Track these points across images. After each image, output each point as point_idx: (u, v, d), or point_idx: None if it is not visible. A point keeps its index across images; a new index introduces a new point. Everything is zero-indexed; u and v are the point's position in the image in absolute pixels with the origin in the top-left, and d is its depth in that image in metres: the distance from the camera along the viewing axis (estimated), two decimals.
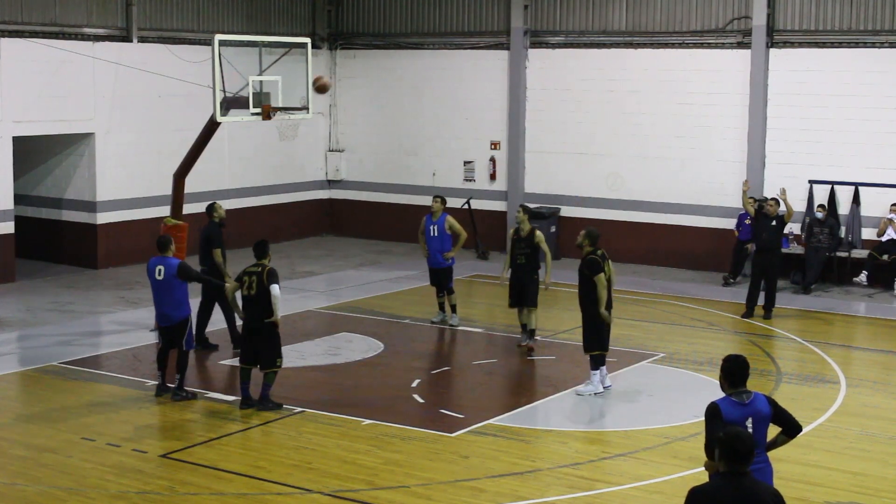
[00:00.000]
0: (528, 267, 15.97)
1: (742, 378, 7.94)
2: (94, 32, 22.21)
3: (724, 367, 8.02)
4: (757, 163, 21.98)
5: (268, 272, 13.11)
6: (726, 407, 7.76)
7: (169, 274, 13.50)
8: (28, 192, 22.70)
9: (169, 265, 13.56)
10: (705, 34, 22.71)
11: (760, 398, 7.92)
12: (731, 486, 6.52)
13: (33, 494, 10.61)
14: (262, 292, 13.00)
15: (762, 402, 7.89)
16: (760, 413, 7.82)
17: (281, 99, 17.09)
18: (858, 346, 16.89)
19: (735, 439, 6.57)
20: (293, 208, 26.49)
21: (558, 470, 11.37)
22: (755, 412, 7.81)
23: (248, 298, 13.09)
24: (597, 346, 13.89)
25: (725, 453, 6.57)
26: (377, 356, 15.94)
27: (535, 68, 24.46)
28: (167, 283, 13.51)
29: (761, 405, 7.86)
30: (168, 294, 13.55)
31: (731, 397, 7.86)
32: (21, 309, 18.74)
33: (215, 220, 16.04)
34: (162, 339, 13.98)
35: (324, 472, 11.24)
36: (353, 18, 26.99)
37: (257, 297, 13.02)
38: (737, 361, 8.01)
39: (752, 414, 7.79)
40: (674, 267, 22.96)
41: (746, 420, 7.74)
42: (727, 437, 6.60)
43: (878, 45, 21.06)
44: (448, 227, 17.47)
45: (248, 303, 13.12)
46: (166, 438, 12.47)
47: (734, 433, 6.63)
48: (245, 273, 13.19)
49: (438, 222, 17.50)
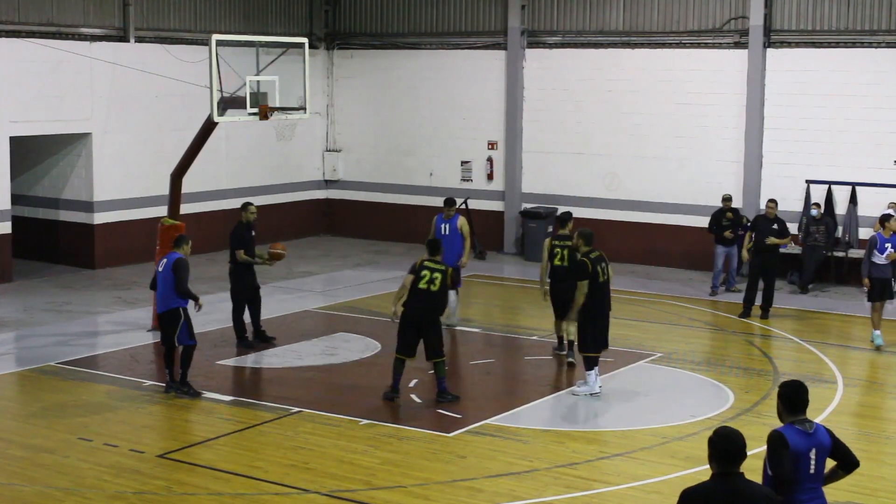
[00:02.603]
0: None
1: (802, 405, 7.35)
2: (91, 32, 22.20)
3: (782, 394, 7.42)
4: (754, 163, 21.99)
5: (451, 274, 13.56)
6: (792, 436, 7.21)
7: (167, 266, 13.70)
8: (25, 193, 22.68)
9: (170, 258, 13.81)
10: (702, 34, 22.73)
11: (822, 430, 7.37)
12: (723, 487, 6.45)
13: (30, 494, 10.60)
14: (443, 291, 13.31)
15: (823, 433, 7.35)
16: (823, 445, 7.31)
17: (278, 99, 17.09)
18: (855, 346, 16.90)
19: (725, 439, 6.48)
20: (290, 208, 26.48)
21: (555, 470, 11.37)
22: (819, 444, 7.29)
23: (428, 293, 13.28)
24: (591, 347, 13.86)
25: (717, 454, 6.48)
26: (374, 356, 15.93)
27: (532, 68, 24.47)
28: (164, 274, 13.72)
29: (823, 437, 7.33)
30: (162, 284, 13.73)
31: (795, 426, 7.29)
32: (18, 309, 18.72)
33: (242, 221, 16.34)
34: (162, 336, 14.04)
35: (321, 472, 11.23)
36: (351, 18, 26.99)
37: (439, 294, 13.32)
38: (795, 387, 7.39)
39: (815, 445, 7.27)
40: (671, 267, 22.97)
41: (811, 451, 7.23)
42: (718, 438, 6.50)
43: (875, 45, 21.08)
44: (459, 227, 17.50)
45: (426, 297, 13.29)
46: (163, 438, 12.47)
47: (724, 433, 6.53)
48: (424, 267, 13.35)
49: (451, 221, 17.53)
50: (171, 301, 13.63)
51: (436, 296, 13.33)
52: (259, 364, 15.54)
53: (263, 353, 15.92)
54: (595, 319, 13.78)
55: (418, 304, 13.34)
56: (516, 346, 16.79)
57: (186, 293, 13.61)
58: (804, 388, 7.37)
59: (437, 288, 13.27)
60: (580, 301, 13.64)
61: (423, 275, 13.30)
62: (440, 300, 13.41)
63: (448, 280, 13.43)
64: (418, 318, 13.38)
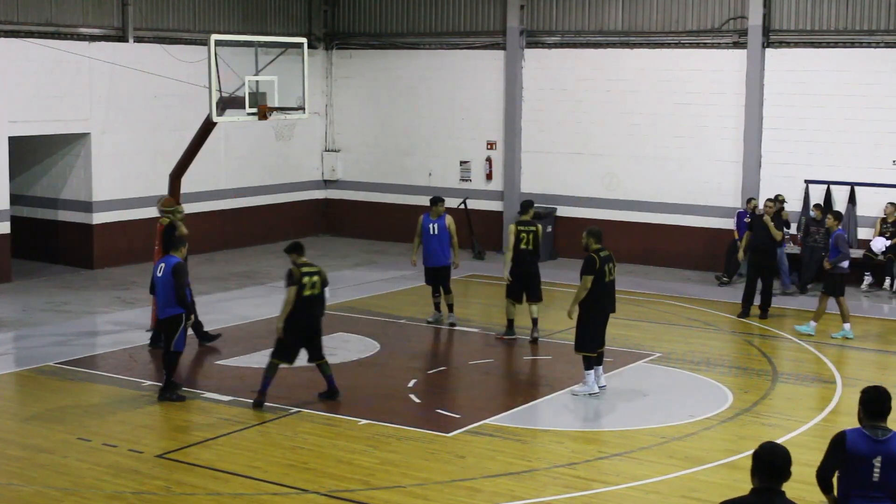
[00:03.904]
0: None
1: (881, 411, 7.16)
2: (89, 32, 22.20)
3: (863, 399, 7.26)
4: (753, 163, 21.99)
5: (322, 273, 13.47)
6: (855, 438, 7.08)
7: (166, 271, 13.57)
8: (24, 193, 22.68)
9: (168, 262, 13.66)
10: (701, 34, 22.73)
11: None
12: (762, 503, 6.14)
13: (29, 495, 10.60)
14: (322, 292, 13.35)
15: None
16: (894, 455, 7.03)
17: (277, 99, 17.10)
18: (854, 346, 16.89)
19: (771, 453, 6.17)
20: (289, 208, 26.48)
21: (554, 470, 11.37)
22: (888, 453, 7.03)
23: (312, 298, 13.23)
24: (588, 346, 13.83)
25: (760, 468, 6.16)
26: (373, 356, 15.94)
27: (531, 68, 24.46)
28: (164, 279, 13.56)
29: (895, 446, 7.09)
30: (163, 289, 13.57)
31: (864, 430, 7.16)
32: (17, 309, 18.71)
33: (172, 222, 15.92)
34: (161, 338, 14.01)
35: (320, 472, 11.23)
36: (350, 18, 26.98)
37: (320, 297, 13.35)
38: (876, 392, 7.23)
39: (884, 453, 7.02)
40: (670, 267, 22.97)
41: (875, 458, 7.01)
42: (763, 451, 6.18)
43: (874, 45, 21.08)
44: (448, 225, 17.50)
45: (311, 303, 13.24)
46: (162, 438, 12.46)
47: (770, 447, 6.21)
48: (305, 273, 13.23)
49: (439, 221, 17.53)
50: (173, 308, 13.57)
51: (319, 298, 13.35)
52: (259, 364, 15.51)
53: (263, 353, 15.87)
54: (595, 319, 13.78)
55: (304, 312, 13.19)
56: (515, 346, 16.77)
57: (183, 301, 13.49)
58: (886, 395, 7.21)
59: (319, 291, 13.31)
60: (581, 296, 13.64)
61: (305, 282, 13.16)
62: (323, 302, 13.47)
63: (325, 278, 13.42)
64: (306, 325, 13.26)
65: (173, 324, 13.55)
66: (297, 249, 13.48)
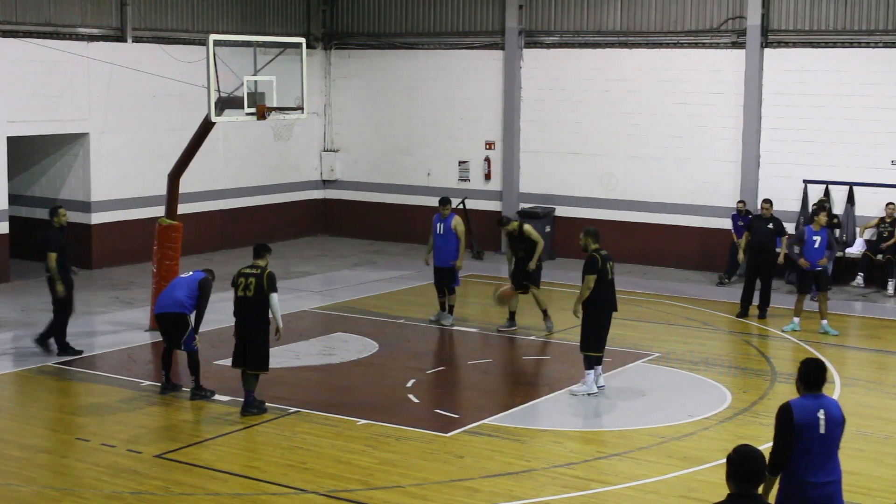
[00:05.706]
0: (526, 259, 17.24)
1: (817, 382, 7.72)
2: (88, 32, 22.19)
3: (801, 370, 7.79)
4: (751, 163, 22.00)
5: (268, 276, 12.82)
6: (798, 404, 7.59)
7: (194, 280, 13.68)
8: (22, 193, 22.67)
9: (197, 274, 13.86)
10: (700, 34, 22.73)
11: (833, 401, 7.75)
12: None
13: (28, 495, 10.59)
14: (259, 295, 12.77)
15: (836, 405, 7.72)
16: (832, 409, 7.62)
17: (276, 99, 17.08)
18: (853, 346, 16.91)
19: (746, 458, 6.18)
20: (288, 208, 26.48)
21: (553, 470, 11.37)
22: (828, 406, 7.62)
23: (244, 300, 12.88)
24: (594, 346, 13.87)
25: (735, 473, 6.17)
26: (372, 356, 15.94)
27: (529, 68, 24.47)
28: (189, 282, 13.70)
29: (833, 404, 7.68)
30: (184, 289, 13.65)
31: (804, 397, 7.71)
32: (16, 309, 18.71)
33: (56, 225, 15.82)
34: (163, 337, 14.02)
35: (319, 472, 11.23)
36: (348, 18, 26.98)
37: (254, 301, 12.81)
38: (814, 364, 7.80)
39: (825, 406, 7.61)
40: (669, 267, 22.98)
41: (818, 412, 7.55)
42: (738, 457, 6.20)
43: (873, 45, 21.09)
44: (453, 226, 17.52)
45: (242, 305, 12.93)
46: (161, 439, 12.45)
47: (745, 451, 6.22)
48: (241, 274, 12.99)
49: (446, 221, 17.59)
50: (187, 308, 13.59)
51: (254, 301, 12.74)
52: None
53: None
54: (600, 318, 13.81)
55: (237, 313, 12.95)
56: (514, 346, 16.79)
57: (200, 318, 13.58)
58: (822, 366, 7.80)
59: (252, 293, 12.78)
60: (584, 296, 13.66)
61: (240, 282, 12.87)
62: (258, 307, 12.76)
63: (265, 282, 12.70)
64: (239, 326, 12.98)
65: (183, 322, 13.55)
66: (255, 251, 13.18)
